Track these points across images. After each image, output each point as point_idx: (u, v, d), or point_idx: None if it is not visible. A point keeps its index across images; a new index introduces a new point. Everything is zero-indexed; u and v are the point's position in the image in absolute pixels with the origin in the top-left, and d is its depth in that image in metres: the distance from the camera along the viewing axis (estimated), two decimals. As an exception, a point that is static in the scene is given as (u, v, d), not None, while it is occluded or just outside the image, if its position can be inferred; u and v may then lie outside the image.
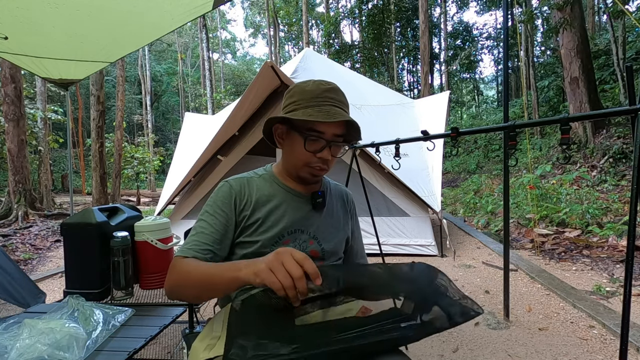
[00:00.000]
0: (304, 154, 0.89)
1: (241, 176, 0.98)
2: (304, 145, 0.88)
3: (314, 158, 0.89)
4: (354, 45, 21.67)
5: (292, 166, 0.95)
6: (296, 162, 0.92)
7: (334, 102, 0.89)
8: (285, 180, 0.98)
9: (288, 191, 0.97)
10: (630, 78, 1.16)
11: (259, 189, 0.95)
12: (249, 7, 35.19)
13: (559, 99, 11.21)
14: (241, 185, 0.95)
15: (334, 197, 1.06)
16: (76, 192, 15.07)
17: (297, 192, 0.97)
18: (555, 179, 6.37)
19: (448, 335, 2.16)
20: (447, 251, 4.07)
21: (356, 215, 1.13)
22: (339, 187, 1.12)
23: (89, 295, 1.39)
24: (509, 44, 5.95)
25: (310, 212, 0.97)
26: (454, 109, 23.13)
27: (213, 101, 13.52)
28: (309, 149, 0.88)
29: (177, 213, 4.47)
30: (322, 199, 0.97)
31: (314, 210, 0.98)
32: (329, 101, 0.88)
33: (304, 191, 0.98)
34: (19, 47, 2.47)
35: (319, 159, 0.89)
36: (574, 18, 6.94)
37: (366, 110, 4.75)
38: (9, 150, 6.83)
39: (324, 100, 0.87)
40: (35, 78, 9.93)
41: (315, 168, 0.91)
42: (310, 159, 0.90)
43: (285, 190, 0.97)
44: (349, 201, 1.11)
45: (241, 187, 0.94)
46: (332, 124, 0.87)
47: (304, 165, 0.91)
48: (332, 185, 1.10)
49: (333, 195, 1.07)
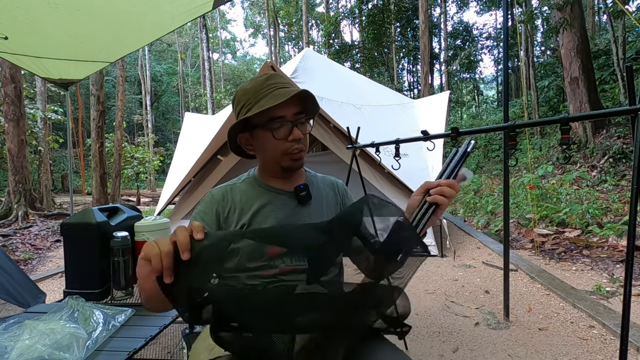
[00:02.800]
0: (277, 144, 0.89)
1: (225, 185, 0.98)
2: (272, 137, 0.88)
3: (287, 143, 0.89)
4: (354, 45, 21.66)
5: (271, 162, 0.94)
6: (274, 156, 0.92)
7: (277, 85, 0.90)
8: (268, 181, 0.98)
9: (271, 191, 0.96)
10: (630, 78, 1.16)
11: (242, 194, 0.95)
12: (249, 7, 35.19)
13: (559, 99, 11.21)
14: (223, 194, 0.95)
15: (323, 189, 1.05)
16: (76, 192, 15.08)
17: (280, 190, 0.97)
18: (555, 179, 6.36)
19: (448, 335, 2.16)
20: (447, 251, 4.07)
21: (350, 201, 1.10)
22: (328, 178, 1.10)
23: (89, 295, 1.39)
24: (509, 44, 5.95)
25: (296, 207, 0.96)
26: (454, 109, 23.14)
27: (213, 101, 13.51)
28: (279, 137, 0.88)
29: (177, 213, 4.47)
30: (305, 191, 0.96)
31: (300, 205, 0.97)
32: (273, 86, 0.89)
33: (288, 188, 0.97)
34: (19, 47, 2.47)
35: (293, 141, 0.90)
36: (574, 18, 6.94)
37: (366, 110, 4.74)
38: (9, 150, 6.83)
39: (268, 89, 0.88)
40: (35, 78, 9.93)
41: (294, 152, 0.91)
42: (284, 145, 0.90)
43: (268, 190, 0.96)
44: (339, 189, 1.09)
45: (223, 196, 0.94)
46: (288, 104, 0.87)
47: (282, 155, 0.91)
48: (320, 177, 1.08)
49: (321, 186, 1.05)
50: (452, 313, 2.49)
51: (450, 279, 3.23)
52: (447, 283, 3.11)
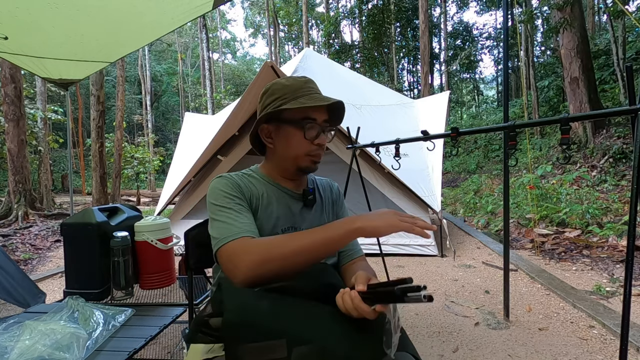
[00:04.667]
0: (303, 144, 0.91)
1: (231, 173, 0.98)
2: (303, 135, 0.90)
3: (313, 146, 0.92)
4: (354, 45, 21.65)
5: (289, 160, 0.94)
6: (296, 154, 0.92)
7: (316, 90, 0.94)
8: (276, 179, 0.99)
9: (279, 189, 0.97)
10: (630, 78, 1.16)
11: (251, 185, 0.96)
12: (249, 7, 35.17)
13: (559, 99, 11.21)
14: (238, 177, 0.95)
15: (323, 192, 1.07)
16: (76, 192, 15.08)
17: (288, 189, 0.98)
18: (555, 179, 6.36)
19: (448, 335, 2.16)
20: (447, 251, 4.07)
21: (343, 203, 1.13)
22: (325, 180, 1.13)
23: (89, 295, 1.40)
24: (509, 44, 5.95)
25: (302, 209, 0.98)
26: (454, 109, 23.13)
27: (213, 101, 13.50)
28: (309, 137, 0.91)
29: (177, 213, 4.47)
30: (313, 195, 0.99)
31: (305, 207, 0.99)
32: (312, 90, 0.92)
33: (295, 189, 0.99)
34: (19, 47, 2.47)
35: (317, 145, 0.92)
36: (574, 18, 6.94)
37: (366, 110, 4.74)
38: (9, 150, 6.83)
39: (308, 91, 0.91)
40: (35, 78, 9.93)
41: (315, 155, 0.93)
42: (310, 147, 0.91)
43: (277, 187, 0.97)
44: (334, 190, 1.12)
45: (239, 179, 0.95)
46: (322, 111, 0.91)
47: (305, 155, 0.92)
48: (318, 180, 1.11)
49: (321, 190, 1.07)
50: (452, 313, 2.49)
51: (450, 279, 3.23)
52: (447, 283, 3.11)
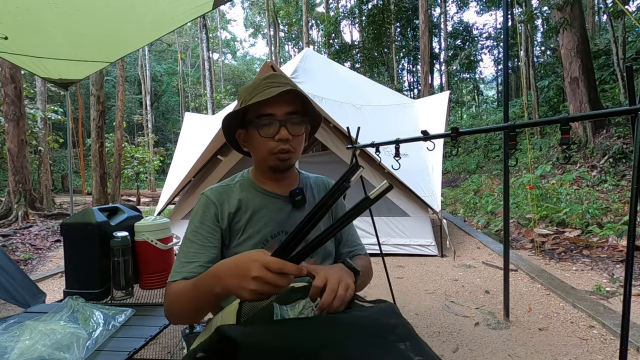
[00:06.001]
0: (264, 142, 0.89)
1: (219, 185, 0.97)
2: (259, 134, 0.88)
3: (274, 142, 0.88)
4: (354, 45, 21.67)
5: (260, 161, 0.94)
6: (261, 154, 0.91)
7: (273, 83, 0.89)
8: (262, 183, 0.97)
9: (266, 194, 0.96)
10: (630, 78, 1.16)
11: (237, 197, 0.94)
12: (249, 7, 35.17)
13: (559, 99, 11.21)
14: (219, 194, 0.94)
15: (317, 191, 1.04)
16: (76, 192, 15.08)
17: (275, 193, 0.96)
18: (555, 179, 6.36)
19: (448, 335, 2.16)
20: (447, 251, 4.07)
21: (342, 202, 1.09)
22: (320, 179, 1.09)
23: (89, 296, 1.40)
24: (509, 44, 5.95)
25: (291, 211, 0.96)
26: (454, 109, 23.14)
27: (213, 101, 13.51)
28: (264, 135, 0.88)
29: (177, 213, 4.47)
30: (300, 196, 0.96)
31: (295, 209, 0.96)
32: (268, 85, 0.88)
33: (282, 192, 0.97)
34: (19, 47, 2.47)
35: (279, 141, 0.88)
36: (574, 18, 6.94)
37: (366, 110, 4.74)
38: (9, 150, 6.83)
39: (264, 86, 0.88)
40: (35, 78, 9.93)
41: (280, 152, 0.89)
42: (271, 144, 0.89)
43: (263, 193, 0.96)
44: None
45: (219, 197, 0.93)
46: (279, 103, 0.87)
47: (268, 154, 0.90)
48: (312, 178, 1.07)
49: (315, 188, 1.04)
50: (452, 313, 2.49)
51: (450, 279, 3.22)
52: (447, 283, 3.11)
